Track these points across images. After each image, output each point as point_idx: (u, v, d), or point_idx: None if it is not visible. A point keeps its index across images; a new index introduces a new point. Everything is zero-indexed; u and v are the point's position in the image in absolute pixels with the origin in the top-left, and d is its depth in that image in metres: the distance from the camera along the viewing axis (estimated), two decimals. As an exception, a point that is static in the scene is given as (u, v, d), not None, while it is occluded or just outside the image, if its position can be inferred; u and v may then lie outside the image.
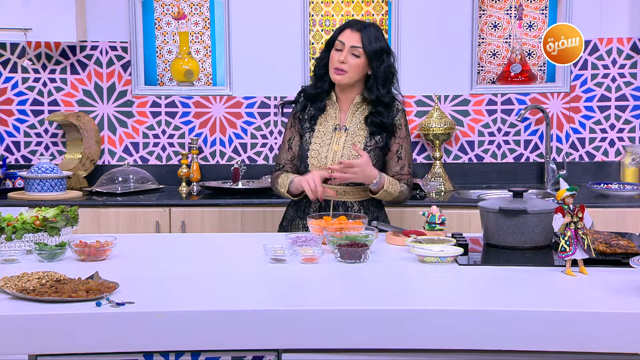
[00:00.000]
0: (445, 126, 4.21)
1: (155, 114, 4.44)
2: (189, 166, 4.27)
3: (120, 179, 4.23)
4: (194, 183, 4.22)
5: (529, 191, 4.26)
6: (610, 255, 2.50)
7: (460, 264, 2.52)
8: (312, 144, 3.12)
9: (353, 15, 4.47)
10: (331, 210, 3.05)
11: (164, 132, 4.44)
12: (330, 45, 3.11)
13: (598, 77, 4.38)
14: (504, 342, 2.05)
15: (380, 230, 2.84)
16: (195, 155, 4.29)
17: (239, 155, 4.44)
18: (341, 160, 3.01)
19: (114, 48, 4.40)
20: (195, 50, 4.52)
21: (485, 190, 4.25)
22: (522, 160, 4.44)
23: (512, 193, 2.82)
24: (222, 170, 4.41)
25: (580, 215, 2.36)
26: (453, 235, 2.79)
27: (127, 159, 4.40)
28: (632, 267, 2.20)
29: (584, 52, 4.35)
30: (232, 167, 4.26)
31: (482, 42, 4.48)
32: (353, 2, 4.47)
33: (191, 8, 4.50)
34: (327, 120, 3.15)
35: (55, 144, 4.46)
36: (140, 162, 4.45)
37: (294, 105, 3.22)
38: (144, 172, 4.31)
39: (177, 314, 2.03)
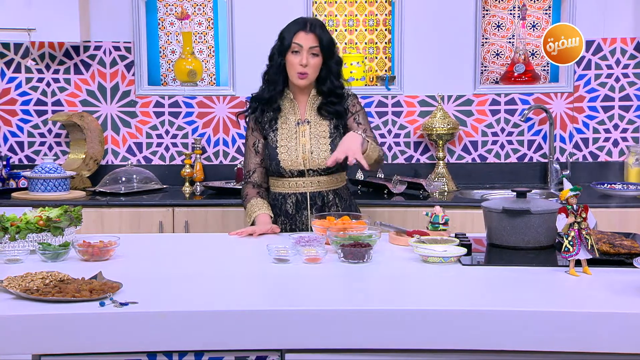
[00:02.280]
0: (448, 126, 4.21)
1: (158, 114, 4.44)
2: (192, 166, 4.27)
3: (123, 179, 4.23)
4: (197, 183, 4.22)
5: (533, 191, 4.25)
6: (613, 256, 2.50)
7: (463, 264, 2.52)
8: (279, 142, 3.16)
9: (356, 15, 4.47)
10: (308, 202, 3.14)
11: (167, 132, 4.45)
12: (283, 49, 3.12)
13: (602, 77, 4.38)
14: (507, 342, 2.05)
15: (384, 231, 2.84)
16: (198, 155, 4.29)
17: (242, 155, 4.44)
18: (327, 163, 2.99)
19: (117, 48, 4.41)
20: (199, 51, 4.52)
21: (489, 190, 4.25)
22: (526, 160, 4.43)
23: (515, 193, 2.82)
24: (225, 170, 4.41)
25: (583, 216, 2.36)
26: (456, 236, 2.79)
27: (131, 159, 4.41)
28: (635, 267, 2.19)
29: (587, 52, 4.34)
30: (236, 167, 4.26)
31: (486, 42, 4.47)
32: (356, 2, 4.47)
33: (194, 8, 4.50)
34: (288, 118, 3.19)
35: (58, 144, 4.47)
36: (143, 162, 4.45)
37: (249, 113, 3.25)
38: (148, 172, 4.32)
39: (181, 314, 2.03)
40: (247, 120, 3.27)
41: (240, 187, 4.17)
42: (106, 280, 2.24)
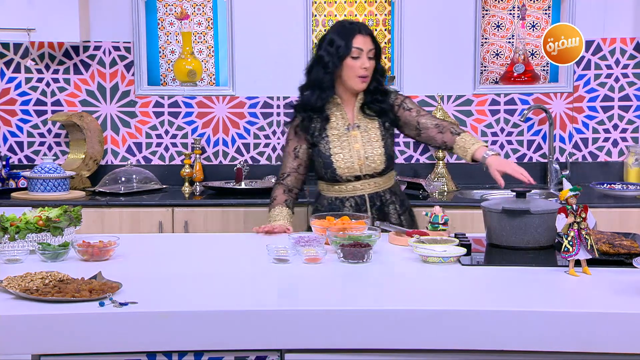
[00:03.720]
0: (448, 126, 4.21)
1: (158, 114, 4.44)
2: (192, 166, 4.27)
3: (123, 179, 4.23)
4: (197, 183, 4.22)
5: (532, 191, 4.25)
6: (613, 256, 2.50)
7: (463, 264, 2.52)
8: (332, 149, 3.14)
9: (356, 15, 4.47)
10: (367, 203, 3.15)
11: (167, 132, 4.45)
12: (342, 55, 3.09)
13: (601, 77, 4.38)
14: (507, 342, 2.05)
15: (383, 231, 2.84)
16: (198, 156, 4.29)
17: (242, 155, 4.45)
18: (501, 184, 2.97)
19: (117, 48, 4.41)
20: (199, 51, 4.52)
21: (489, 190, 4.25)
22: (525, 160, 4.43)
23: (515, 193, 2.82)
24: (225, 170, 4.41)
25: (583, 216, 2.36)
26: (456, 236, 2.79)
27: (130, 159, 4.41)
28: (635, 267, 2.19)
29: (587, 52, 4.34)
30: (235, 167, 4.26)
31: (485, 42, 4.47)
32: (356, 2, 4.47)
33: (194, 8, 4.50)
34: (337, 123, 3.18)
35: (58, 144, 4.47)
36: (143, 162, 4.45)
37: (294, 119, 3.23)
38: (147, 172, 4.32)
39: (180, 314, 2.03)
40: (287, 127, 3.26)
41: (240, 187, 4.19)
42: (106, 280, 2.23)
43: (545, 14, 4.47)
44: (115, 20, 4.37)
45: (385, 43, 4.49)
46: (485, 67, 4.49)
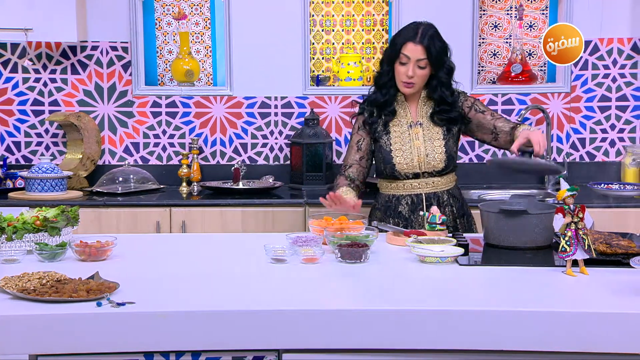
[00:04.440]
0: (445, 126, 4.21)
1: (155, 114, 4.44)
2: (189, 166, 4.26)
3: (120, 179, 4.23)
4: (195, 183, 4.22)
5: (529, 191, 4.26)
6: (610, 256, 2.50)
7: (460, 264, 2.52)
8: (393, 145, 3.15)
9: (354, 15, 4.47)
10: (424, 203, 3.14)
11: (164, 132, 4.44)
12: (392, 58, 3.11)
13: (599, 77, 4.38)
14: (504, 342, 2.05)
15: (381, 231, 2.84)
16: (195, 156, 4.29)
17: (240, 155, 4.44)
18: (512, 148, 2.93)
19: (114, 48, 4.40)
20: (196, 51, 4.52)
21: (486, 190, 4.25)
22: (523, 160, 4.43)
23: (521, 152, 2.83)
24: (222, 170, 4.40)
25: (580, 216, 2.36)
26: (454, 236, 2.79)
27: (128, 159, 4.40)
28: (632, 267, 2.19)
29: (584, 52, 4.34)
30: (233, 168, 4.25)
31: (483, 42, 4.48)
32: (354, 2, 4.47)
33: (192, 8, 4.50)
34: (400, 120, 3.18)
35: (55, 144, 4.46)
36: (140, 162, 4.45)
37: (361, 115, 3.22)
38: (145, 172, 4.31)
39: (178, 314, 2.03)
40: (353, 120, 3.26)
41: (237, 187, 4.19)
42: (103, 281, 2.23)
43: (543, 14, 4.47)
44: (112, 20, 4.36)
45: (382, 43, 4.49)
46: (482, 67, 4.49)
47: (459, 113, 3.17)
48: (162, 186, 4.30)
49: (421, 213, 3.02)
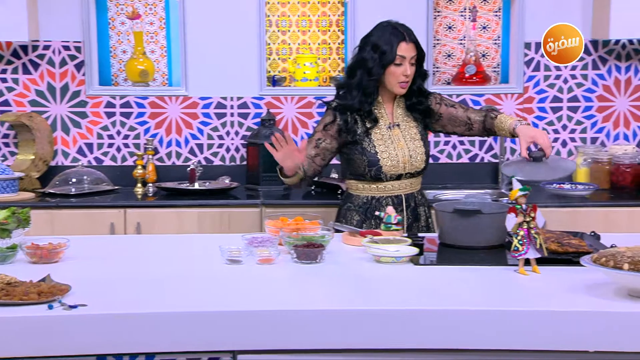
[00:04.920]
0: (401, 127, 4.23)
1: (109, 115, 4.39)
2: (144, 167, 4.23)
3: (74, 180, 4.17)
4: (150, 184, 4.18)
5: (484, 191, 4.31)
6: (562, 255, 2.53)
7: (415, 264, 2.53)
8: (378, 147, 3.14)
9: (309, 16, 4.47)
10: (404, 204, 3.17)
11: (118, 132, 4.40)
12: (387, 62, 3.09)
13: (550, 78, 4.44)
14: (457, 341, 2.07)
15: (337, 231, 2.85)
16: (150, 156, 4.25)
17: (195, 156, 4.42)
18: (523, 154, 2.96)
19: (67, 48, 4.34)
20: (151, 51, 4.48)
21: (441, 190, 4.28)
22: (477, 160, 4.48)
23: (532, 158, 2.87)
24: (178, 171, 4.37)
25: (532, 215, 2.39)
26: (409, 236, 2.81)
27: (81, 160, 4.35)
28: (583, 266, 2.23)
29: (536, 53, 4.41)
30: (189, 168, 4.23)
31: (438, 44, 4.51)
32: (309, 2, 4.47)
33: (146, 8, 4.46)
34: (379, 122, 3.18)
35: (7, 144, 4.38)
36: (94, 163, 4.39)
37: (328, 116, 3.16)
38: (99, 173, 4.26)
39: (131, 316, 2.01)
40: (326, 125, 3.16)
41: (193, 188, 4.16)
42: (55, 283, 2.20)
43: (496, 15, 4.53)
44: (65, 19, 4.30)
45: (338, 44, 4.50)
46: (437, 68, 4.53)
47: (431, 106, 3.22)
48: (116, 187, 4.25)
49: (376, 213, 3.04)
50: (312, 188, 4.22)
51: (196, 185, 4.19)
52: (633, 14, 4.03)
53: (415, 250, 2.60)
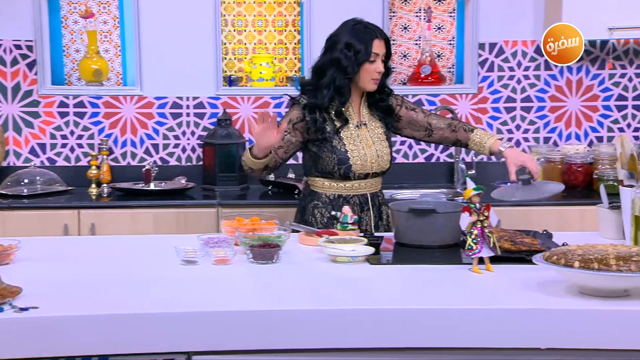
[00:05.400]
0: (357, 127, 4.25)
1: (63, 114, 4.33)
2: (99, 167, 4.18)
3: (26, 180, 4.11)
4: (104, 184, 4.14)
5: (439, 191, 4.35)
6: (515, 253, 2.56)
7: (371, 264, 2.55)
8: (348, 146, 3.14)
9: (265, 15, 4.46)
10: (369, 203, 3.20)
11: (72, 132, 4.34)
12: (362, 60, 3.09)
13: (504, 79, 4.50)
14: (412, 339, 2.08)
15: (294, 231, 2.85)
16: (105, 157, 4.21)
17: (151, 156, 4.38)
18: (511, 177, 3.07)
19: (18, 47, 4.27)
20: (105, 50, 4.43)
21: (397, 190, 4.31)
22: (433, 160, 4.52)
23: (521, 181, 2.99)
24: (133, 171, 4.33)
25: (486, 214, 2.42)
26: (365, 235, 2.82)
27: (34, 161, 4.28)
28: (535, 264, 2.26)
29: (490, 54, 4.46)
30: (144, 169, 4.19)
31: (393, 44, 4.54)
32: (265, 2, 4.46)
33: (100, 6, 4.41)
34: (349, 122, 3.18)
35: (-43, 145, 4.30)
36: (47, 164, 4.33)
37: (298, 111, 3.14)
38: (52, 173, 4.20)
39: (84, 319, 1.99)
40: (291, 120, 3.13)
41: (149, 188, 4.13)
42: (5, 285, 2.16)
43: (451, 16, 4.57)
44: (16, 18, 4.23)
45: (295, 44, 4.50)
46: (393, 68, 4.55)
47: (391, 105, 3.24)
48: (70, 188, 4.20)
49: (332, 213, 3.04)
50: (269, 188, 4.21)
51: (152, 186, 4.15)
52: (584, 15, 4.09)
53: (371, 249, 2.61)
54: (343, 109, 3.16)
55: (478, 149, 3.21)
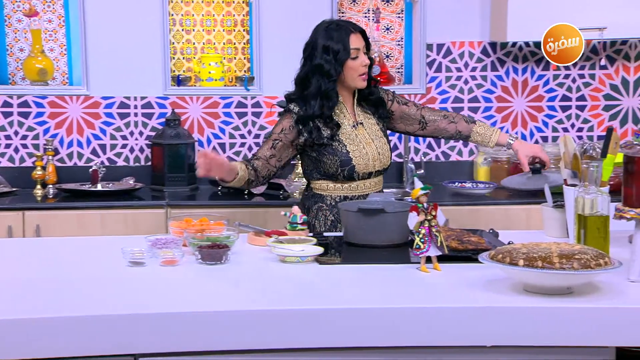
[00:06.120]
0: (307, 127, 4.25)
1: (6, 114, 4.25)
2: (44, 168, 4.11)
3: (-31, 182, 4.03)
4: (50, 186, 4.07)
5: (388, 190, 4.37)
6: (462, 252, 2.59)
7: (320, 264, 2.55)
8: (349, 147, 3.12)
9: (214, 15, 4.44)
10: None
11: (16, 133, 4.26)
12: (344, 58, 3.07)
13: (452, 79, 4.55)
14: (360, 338, 2.09)
15: (243, 231, 2.84)
16: (51, 157, 4.14)
17: (98, 156, 4.33)
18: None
19: (-39, 45, 4.19)
20: (50, 49, 4.35)
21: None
22: (382, 160, 4.54)
23: (532, 170, 3.14)
24: (80, 172, 4.27)
25: (433, 214, 2.44)
26: (314, 235, 2.82)
27: (-23, 162, 4.20)
28: (481, 263, 2.29)
29: (438, 55, 4.50)
30: (91, 169, 4.14)
31: (342, 44, 4.54)
32: (214, 2, 4.44)
33: (44, 5, 4.34)
34: (342, 122, 3.16)
35: None
36: (-9, 165, 4.25)
37: (290, 120, 3.10)
38: (-5, 174, 4.13)
39: (28, 321, 1.96)
40: (284, 129, 3.10)
41: (96, 189, 4.08)
42: (-53, 290, 2.12)
43: (399, 17, 4.60)
44: (-42, 15, 4.15)
45: (244, 43, 4.49)
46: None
47: (381, 98, 3.22)
48: (14, 189, 4.13)
49: (282, 213, 3.04)
50: (219, 189, 4.19)
51: (99, 187, 4.11)
52: (529, 17, 4.16)
53: (320, 249, 2.61)
54: (333, 114, 3.13)
55: (481, 141, 3.24)
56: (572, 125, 4.60)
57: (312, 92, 3.09)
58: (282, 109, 3.24)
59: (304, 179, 4.26)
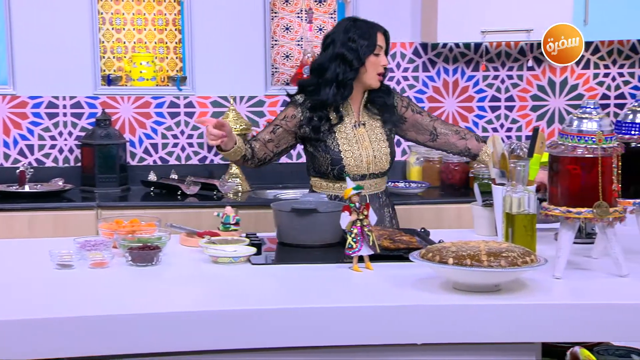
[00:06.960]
0: (241, 127, 4.23)
1: None
2: (-31, 169, 4.01)
3: None
4: (-25, 187, 3.97)
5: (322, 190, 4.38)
6: (394, 251, 2.61)
7: (253, 264, 2.55)
8: (342, 146, 3.10)
9: (145, 14, 4.39)
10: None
11: (-61, 133, 4.14)
12: (368, 52, 3.08)
13: (384, 80, 4.57)
14: (293, 338, 2.10)
15: (175, 232, 2.82)
16: (-24, 158, 4.04)
17: (26, 157, 4.23)
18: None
19: None
20: (-25, 46, 4.24)
21: (282, 190, 4.33)
22: (316, 160, 4.55)
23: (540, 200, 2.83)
24: (6, 173, 4.17)
25: (365, 213, 2.46)
26: (247, 235, 2.82)
27: None
28: (412, 261, 2.32)
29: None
30: (18, 170, 4.05)
31: (276, 44, 4.55)
32: (144, 0, 4.38)
33: (-31, 1, 4.22)
34: (344, 120, 3.13)
35: None
36: None
37: (292, 109, 3.13)
38: None
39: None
40: (286, 117, 3.12)
41: (23, 191, 3.99)
42: None
43: (332, 17, 4.62)
44: None
45: (176, 43, 4.45)
46: (276, 68, 4.57)
47: (393, 104, 3.21)
48: (-63, 191, 4.01)
49: (215, 214, 3.02)
50: (151, 189, 4.15)
51: (26, 188, 4.03)
52: (458, 19, 4.23)
53: (253, 250, 2.61)
54: (342, 107, 3.14)
55: (489, 162, 3.15)
56: (502, 126, 4.69)
57: (328, 78, 3.11)
58: (288, 96, 3.26)
59: (237, 180, 4.27)
